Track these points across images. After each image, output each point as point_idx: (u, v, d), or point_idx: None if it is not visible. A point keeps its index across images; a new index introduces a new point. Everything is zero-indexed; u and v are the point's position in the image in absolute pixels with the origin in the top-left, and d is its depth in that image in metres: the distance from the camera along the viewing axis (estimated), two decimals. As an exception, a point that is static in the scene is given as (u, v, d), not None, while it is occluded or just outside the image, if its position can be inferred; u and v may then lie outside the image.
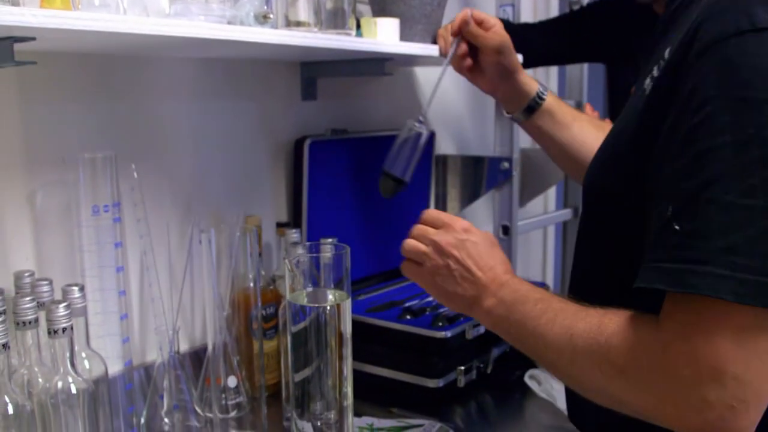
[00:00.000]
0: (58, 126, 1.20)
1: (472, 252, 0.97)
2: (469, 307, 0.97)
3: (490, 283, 0.95)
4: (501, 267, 0.97)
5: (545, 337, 0.85)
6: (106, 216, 1.12)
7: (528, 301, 0.90)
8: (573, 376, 0.84)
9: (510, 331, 0.92)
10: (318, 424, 0.97)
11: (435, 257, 0.98)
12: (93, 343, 1.11)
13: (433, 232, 1.00)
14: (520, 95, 1.31)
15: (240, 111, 1.49)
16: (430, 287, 1.01)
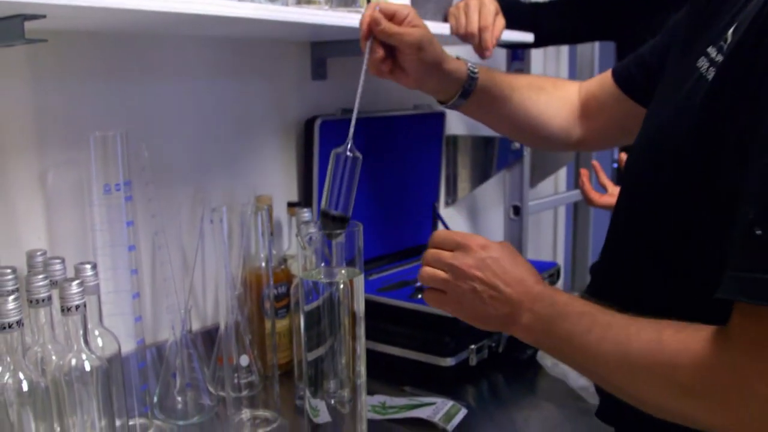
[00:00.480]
0: (69, 105, 1.20)
1: (495, 269, 0.90)
2: (505, 326, 0.91)
3: (522, 297, 0.88)
4: (530, 278, 0.90)
5: (597, 355, 0.80)
6: (117, 195, 1.11)
7: (570, 315, 0.84)
8: (634, 396, 0.79)
9: (554, 347, 0.87)
10: (332, 402, 0.97)
11: (458, 282, 0.91)
12: (105, 322, 1.11)
13: (450, 256, 0.93)
14: (450, 83, 1.15)
15: (250, 91, 1.49)
16: (460, 313, 0.94)
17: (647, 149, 0.90)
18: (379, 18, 1.06)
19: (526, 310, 0.88)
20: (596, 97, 1.21)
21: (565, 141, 1.27)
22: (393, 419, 1.21)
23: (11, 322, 0.86)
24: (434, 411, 1.21)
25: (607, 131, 1.23)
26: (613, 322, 0.80)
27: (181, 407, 1.25)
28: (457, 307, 0.93)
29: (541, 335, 0.87)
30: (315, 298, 0.95)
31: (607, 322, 0.80)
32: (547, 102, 1.23)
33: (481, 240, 0.93)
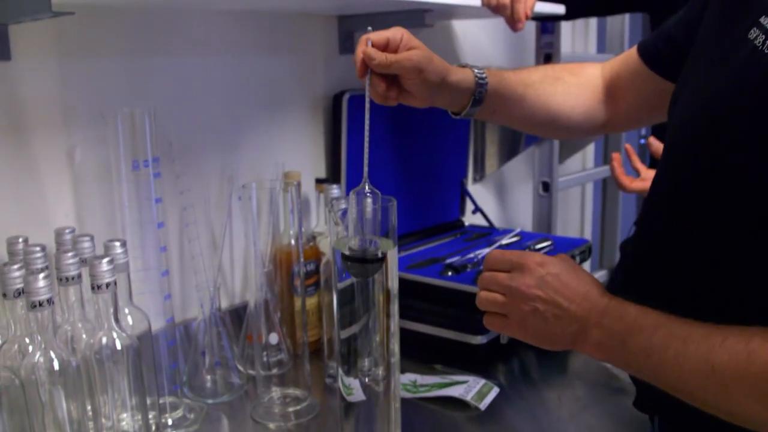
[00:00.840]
0: (96, 81, 1.19)
1: (556, 286, 0.85)
2: (574, 345, 0.86)
3: (588, 313, 0.83)
4: (594, 291, 0.85)
5: (680, 371, 0.75)
6: (145, 171, 1.10)
7: (644, 329, 0.79)
8: (726, 412, 0.74)
9: (630, 364, 0.82)
10: (365, 380, 0.95)
11: (518, 304, 0.87)
12: (135, 300, 1.10)
13: (507, 278, 0.88)
14: (460, 94, 1.09)
15: (278, 65, 1.46)
16: (524, 335, 0.89)
17: (695, 125, 0.84)
18: (371, 53, 0.99)
19: (595, 326, 0.83)
20: (621, 77, 1.16)
21: (590, 127, 1.22)
22: (425, 398, 1.20)
23: (42, 300, 0.85)
24: (466, 389, 1.19)
25: (635, 111, 1.17)
26: (692, 332, 0.75)
27: (210, 386, 1.24)
28: (521, 330, 0.88)
29: (614, 352, 0.82)
30: (348, 275, 0.93)
31: (686, 334, 0.75)
32: (565, 92, 1.18)
33: (538, 257, 0.88)
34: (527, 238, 1.66)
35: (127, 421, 0.96)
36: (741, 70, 0.77)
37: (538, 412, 1.18)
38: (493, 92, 1.10)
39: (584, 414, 1.16)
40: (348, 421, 0.98)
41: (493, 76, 1.11)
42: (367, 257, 0.93)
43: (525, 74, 1.18)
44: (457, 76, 1.07)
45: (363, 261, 0.93)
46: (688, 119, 0.87)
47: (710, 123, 0.81)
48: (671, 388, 0.78)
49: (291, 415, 1.16)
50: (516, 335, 0.90)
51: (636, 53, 1.12)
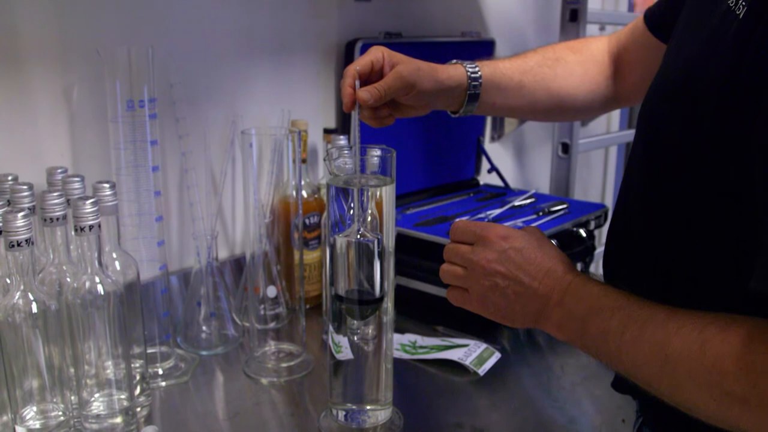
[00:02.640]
0: (95, 16, 1.14)
1: (519, 261, 0.81)
2: (536, 323, 0.82)
3: (550, 291, 0.80)
4: (559, 268, 0.81)
5: (634, 357, 0.71)
6: (141, 112, 1.05)
7: (603, 309, 0.75)
8: (680, 404, 0.70)
9: (588, 347, 0.78)
10: (355, 339, 0.92)
11: (479, 279, 0.83)
12: (128, 245, 1.07)
13: (468, 250, 0.84)
14: (455, 94, 1.05)
15: (289, 9, 1.41)
16: (485, 311, 0.85)
17: (670, 92, 0.79)
18: (364, 97, 0.96)
19: (556, 305, 0.79)
20: (628, 49, 1.10)
21: (599, 105, 1.15)
22: (422, 359, 1.16)
23: (20, 240, 0.81)
24: (466, 353, 1.16)
25: (645, 83, 1.09)
26: (651, 317, 0.71)
27: (204, 336, 1.21)
28: (482, 306, 0.85)
29: (574, 333, 0.79)
30: (342, 229, 0.89)
31: (644, 319, 0.71)
32: (566, 72, 1.11)
33: (502, 230, 0.84)
34: (542, 200, 1.61)
35: (110, 369, 0.93)
36: (713, 35, 0.72)
37: (539, 379, 1.14)
38: (489, 84, 1.05)
39: (587, 383, 1.12)
40: (336, 380, 0.95)
41: (487, 67, 1.06)
42: (362, 298, 0.91)
43: (521, 60, 1.12)
44: (448, 75, 1.03)
45: (359, 303, 0.91)
46: (661, 85, 0.81)
47: (682, 90, 0.76)
48: (627, 373, 0.74)
49: (283, 371, 1.13)
50: (477, 311, 0.86)
51: (642, 22, 1.06)
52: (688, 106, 0.74)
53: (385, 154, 0.89)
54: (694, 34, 0.78)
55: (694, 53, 0.76)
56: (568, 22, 1.88)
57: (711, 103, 0.70)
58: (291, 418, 1.02)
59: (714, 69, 0.70)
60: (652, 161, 0.81)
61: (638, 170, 0.84)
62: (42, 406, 0.89)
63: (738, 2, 0.69)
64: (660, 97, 0.81)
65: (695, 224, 0.75)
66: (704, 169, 0.72)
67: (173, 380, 1.10)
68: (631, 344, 0.71)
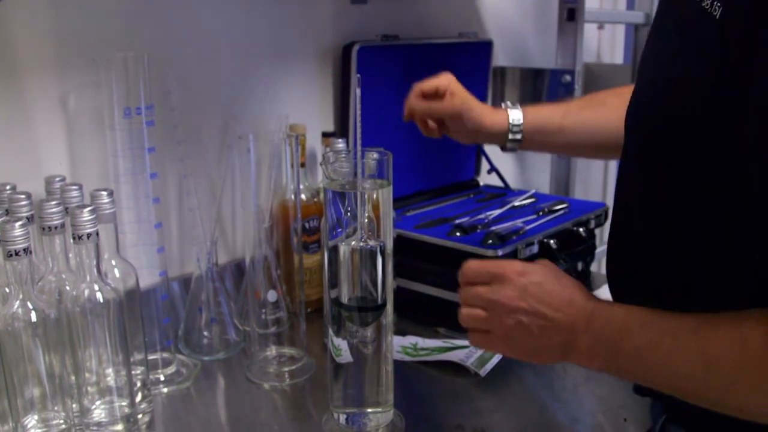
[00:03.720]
0: (92, 24, 1.14)
1: (540, 295, 0.80)
2: (565, 356, 0.81)
3: (575, 320, 0.79)
4: (579, 296, 0.81)
5: (675, 370, 0.71)
6: (138, 119, 1.06)
7: (632, 329, 0.75)
8: (730, 406, 0.70)
9: (622, 369, 0.78)
10: (354, 342, 0.92)
11: (501, 319, 0.82)
12: (127, 253, 1.07)
13: (487, 291, 0.84)
14: (497, 137, 1.20)
15: (286, 13, 1.41)
16: (512, 351, 0.84)
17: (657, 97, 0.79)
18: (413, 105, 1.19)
19: (583, 333, 0.78)
20: None
21: None
22: (424, 361, 1.16)
23: (18, 249, 0.81)
24: (467, 355, 1.15)
25: None
26: (681, 327, 0.71)
27: (206, 342, 1.21)
28: (508, 346, 0.84)
29: (605, 359, 0.78)
30: (340, 232, 0.89)
31: (675, 330, 0.71)
32: (607, 113, 1.15)
33: (518, 266, 0.84)
34: (542, 200, 1.61)
35: (111, 377, 0.93)
36: (691, 37, 0.73)
37: (541, 380, 1.14)
38: (530, 128, 1.18)
39: (589, 383, 1.11)
40: (337, 383, 0.95)
41: (531, 113, 1.19)
42: (364, 305, 0.91)
43: (566, 105, 1.22)
44: (492, 122, 1.18)
45: (361, 310, 0.91)
46: (646, 90, 0.82)
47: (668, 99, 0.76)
48: (668, 387, 0.74)
49: (285, 375, 1.13)
50: (503, 352, 0.86)
51: None
52: (677, 109, 0.74)
53: (381, 156, 0.88)
54: (669, 38, 0.79)
55: (675, 57, 0.76)
56: (565, 21, 1.88)
57: (698, 104, 0.71)
58: (293, 422, 1.02)
59: (698, 70, 0.71)
60: (648, 166, 0.81)
61: (635, 176, 0.84)
62: (43, 415, 0.89)
63: (713, 4, 0.70)
64: (647, 102, 0.81)
65: (695, 222, 0.75)
66: (699, 169, 0.73)
67: (175, 386, 1.10)
68: (669, 357, 0.71)
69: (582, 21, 1.88)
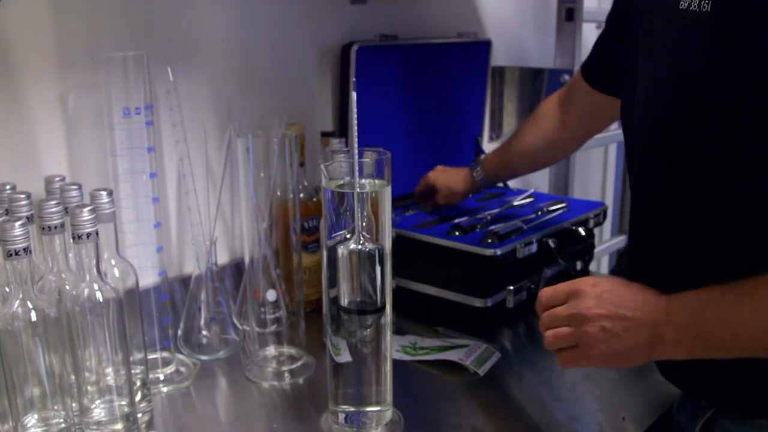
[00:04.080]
0: (91, 24, 1.14)
1: (615, 300, 0.84)
2: (651, 352, 0.84)
3: (655, 315, 0.82)
4: (650, 295, 0.84)
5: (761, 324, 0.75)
6: (137, 119, 1.06)
7: (709, 304, 0.78)
8: None
9: (711, 346, 0.80)
10: (353, 341, 0.92)
11: (585, 329, 0.85)
12: (127, 252, 1.07)
13: (565, 308, 0.87)
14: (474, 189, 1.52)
15: (284, 13, 1.41)
16: (601, 359, 0.86)
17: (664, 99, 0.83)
18: None
19: (665, 325, 0.81)
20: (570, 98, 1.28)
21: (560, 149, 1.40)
22: (422, 361, 1.16)
23: (18, 249, 0.82)
24: (466, 354, 1.16)
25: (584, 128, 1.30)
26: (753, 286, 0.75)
27: (205, 341, 1.21)
28: (596, 354, 0.86)
29: (692, 342, 0.81)
30: (338, 230, 0.89)
31: (750, 288, 0.75)
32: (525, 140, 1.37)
33: (589, 279, 0.88)
34: (541, 199, 1.61)
35: (111, 376, 0.93)
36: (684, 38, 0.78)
37: (540, 379, 1.14)
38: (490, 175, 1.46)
39: (587, 382, 1.12)
40: (336, 382, 0.95)
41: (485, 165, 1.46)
42: (364, 309, 0.91)
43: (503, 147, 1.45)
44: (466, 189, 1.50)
45: (361, 313, 0.91)
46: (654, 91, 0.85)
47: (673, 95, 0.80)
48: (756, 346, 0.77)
49: (285, 374, 1.13)
50: (593, 362, 0.88)
51: (580, 74, 1.22)
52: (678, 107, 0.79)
53: (380, 156, 0.89)
54: (662, 43, 0.83)
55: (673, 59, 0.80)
56: (564, 21, 1.88)
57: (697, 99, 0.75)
58: (292, 421, 1.02)
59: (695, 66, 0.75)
60: (665, 163, 0.85)
61: (652, 174, 0.88)
62: (43, 414, 0.89)
63: (701, 3, 0.73)
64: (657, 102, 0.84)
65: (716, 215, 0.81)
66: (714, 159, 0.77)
67: (174, 385, 1.11)
68: (753, 313, 0.75)
69: (580, 21, 1.88)
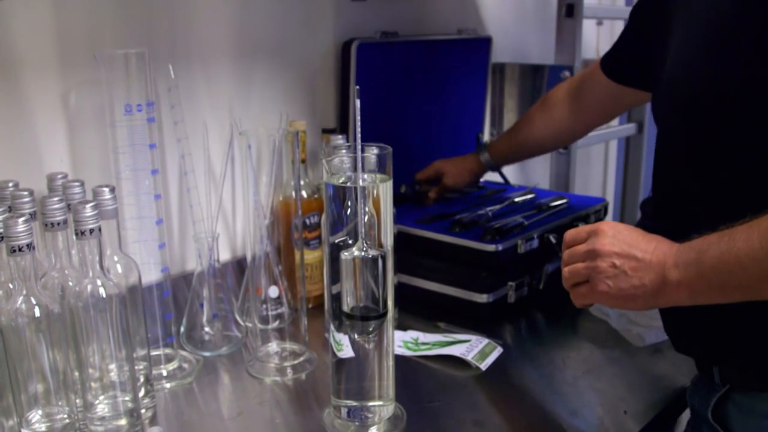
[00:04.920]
0: (93, 22, 1.15)
1: (629, 240, 0.87)
2: (657, 294, 0.85)
3: (664, 258, 0.84)
4: (664, 242, 0.86)
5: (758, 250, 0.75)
6: (139, 116, 1.06)
7: (709, 246, 0.80)
8: None
9: (712, 286, 0.81)
10: (355, 337, 0.92)
11: (597, 264, 0.88)
12: (129, 249, 1.07)
13: (584, 246, 0.91)
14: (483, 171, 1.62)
15: (285, 11, 1.41)
16: (608, 297, 0.89)
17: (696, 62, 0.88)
18: None
19: (672, 267, 0.83)
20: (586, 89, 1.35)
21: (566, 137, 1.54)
22: (425, 356, 1.17)
23: (21, 245, 0.82)
24: (468, 349, 1.16)
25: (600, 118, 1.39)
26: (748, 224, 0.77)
27: (208, 338, 1.22)
28: (605, 292, 0.89)
29: (695, 283, 0.82)
30: (340, 228, 0.90)
31: (745, 227, 0.77)
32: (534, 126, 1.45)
33: (610, 222, 0.92)
34: (542, 195, 1.61)
35: (114, 372, 0.94)
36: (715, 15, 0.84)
37: (541, 373, 1.14)
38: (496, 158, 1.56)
39: (589, 377, 1.12)
40: (338, 377, 0.96)
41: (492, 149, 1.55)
42: (367, 315, 0.92)
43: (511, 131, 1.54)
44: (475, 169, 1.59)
45: (363, 319, 0.92)
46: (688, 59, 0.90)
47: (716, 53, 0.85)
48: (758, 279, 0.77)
49: (287, 370, 1.14)
50: (601, 299, 0.90)
51: (599, 67, 1.27)
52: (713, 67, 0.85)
53: (382, 151, 0.89)
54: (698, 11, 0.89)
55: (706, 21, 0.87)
56: (564, 17, 1.88)
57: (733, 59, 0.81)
58: (295, 416, 1.03)
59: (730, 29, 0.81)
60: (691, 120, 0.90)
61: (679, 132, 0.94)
62: (47, 410, 0.90)
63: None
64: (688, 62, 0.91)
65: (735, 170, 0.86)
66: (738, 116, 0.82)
67: (177, 381, 1.11)
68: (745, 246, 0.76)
69: (581, 17, 1.88)
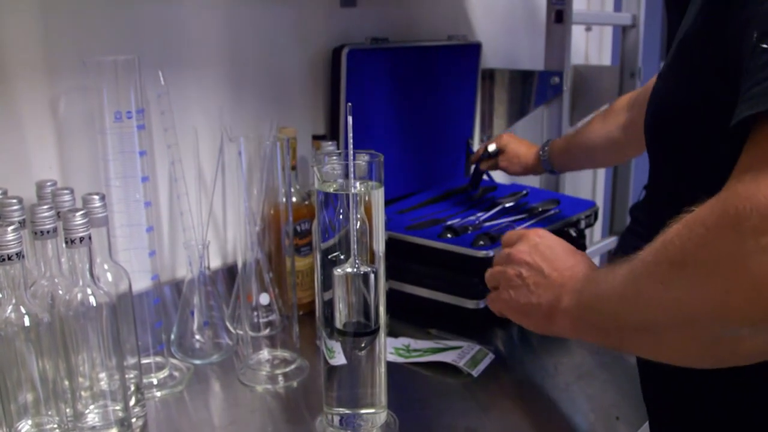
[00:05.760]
0: (82, 28, 1.14)
1: (546, 254, 0.82)
2: (548, 318, 0.80)
3: (567, 282, 0.78)
4: (583, 266, 0.80)
5: (636, 299, 0.66)
6: (129, 123, 1.06)
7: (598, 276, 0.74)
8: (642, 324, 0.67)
9: (591, 320, 0.74)
10: (347, 344, 0.92)
11: (506, 270, 0.85)
12: (119, 256, 1.07)
13: (506, 250, 0.88)
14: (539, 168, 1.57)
15: (275, 17, 1.41)
16: (508, 307, 0.85)
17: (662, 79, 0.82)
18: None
19: (568, 292, 0.77)
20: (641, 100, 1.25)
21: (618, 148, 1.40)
22: (416, 362, 1.16)
23: (10, 254, 0.81)
24: (460, 355, 1.16)
25: None
26: (634, 257, 0.67)
27: (198, 346, 1.21)
28: (505, 299, 0.85)
29: (576, 314, 0.76)
30: (332, 235, 0.89)
31: (620, 264, 0.69)
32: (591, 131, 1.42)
33: (541, 231, 0.88)
34: (533, 196, 1.61)
35: (105, 381, 0.93)
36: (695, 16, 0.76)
37: (533, 380, 1.14)
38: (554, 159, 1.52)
39: (581, 383, 1.12)
40: (330, 385, 0.95)
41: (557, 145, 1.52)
42: (360, 330, 0.91)
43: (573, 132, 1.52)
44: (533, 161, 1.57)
45: (356, 335, 0.91)
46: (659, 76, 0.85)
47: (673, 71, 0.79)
48: (641, 319, 0.67)
49: (279, 378, 1.13)
50: (502, 307, 0.87)
51: None
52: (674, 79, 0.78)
53: (373, 158, 0.89)
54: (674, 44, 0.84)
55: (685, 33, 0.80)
56: (554, 23, 1.89)
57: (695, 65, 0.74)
58: (287, 424, 1.02)
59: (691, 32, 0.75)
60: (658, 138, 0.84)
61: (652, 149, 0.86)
62: (37, 420, 0.89)
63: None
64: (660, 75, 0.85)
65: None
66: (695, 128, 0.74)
67: (168, 390, 1.10)
68: (624, 284, 0.68)
69: (570, 23, 1.89)
